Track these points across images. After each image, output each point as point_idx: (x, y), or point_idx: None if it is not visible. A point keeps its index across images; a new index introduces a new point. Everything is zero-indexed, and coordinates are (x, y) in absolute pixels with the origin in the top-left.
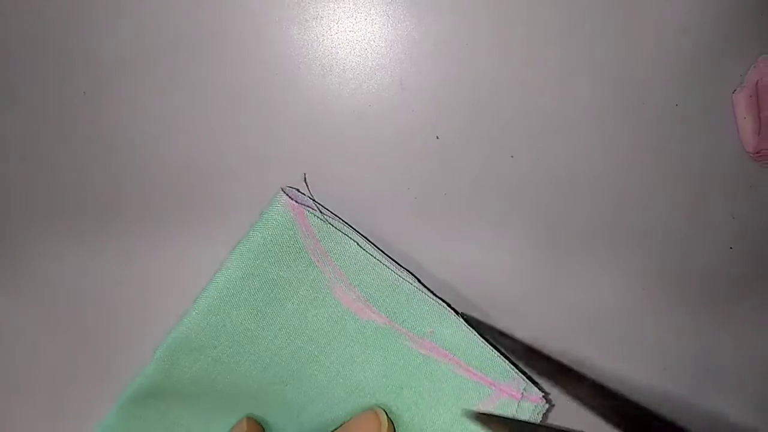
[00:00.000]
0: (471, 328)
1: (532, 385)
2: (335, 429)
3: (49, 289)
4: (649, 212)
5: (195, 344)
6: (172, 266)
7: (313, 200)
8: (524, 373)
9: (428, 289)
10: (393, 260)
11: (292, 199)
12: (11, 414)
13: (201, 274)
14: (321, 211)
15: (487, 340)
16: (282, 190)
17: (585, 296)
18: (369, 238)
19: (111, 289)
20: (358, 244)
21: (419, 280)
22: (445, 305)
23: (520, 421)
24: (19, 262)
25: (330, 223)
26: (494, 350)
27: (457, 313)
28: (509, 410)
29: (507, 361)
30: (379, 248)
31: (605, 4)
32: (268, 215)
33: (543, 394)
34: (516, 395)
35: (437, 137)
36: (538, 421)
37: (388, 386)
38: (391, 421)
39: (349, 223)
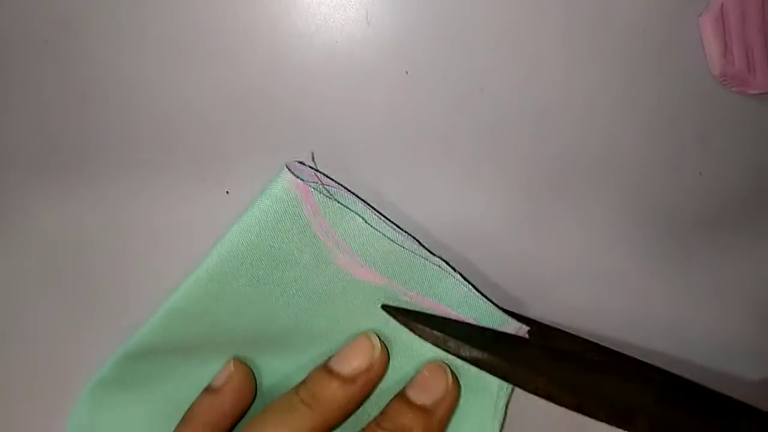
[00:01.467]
0: (469, 284)
1: (526, 326)
2: (330, 357)
3: (23, 246)
4: (617, 141)
5: (192, 311)
6: (150, 217)
7: (320, 172)
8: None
9: (430, 252)
10: (397, 226)
11: (295, 175)
12: None
13: (178, 224)
14: (327, 184)
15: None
16: (286, 166)
17: (558, 230)
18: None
19: (89, 242)
20: (363, 219)
21: (422, 244)
22: (446, 265)
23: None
24: None
25: (335, 199)
26: (489, 301)
27: (456, 270)
28: None
29: (502, 310)
30: (382, 214)
31: None
32: (270, 191)
33: (529, 328)
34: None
35: (406, 72)
36: None
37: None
38: (384, 345)
39: (338, 181)
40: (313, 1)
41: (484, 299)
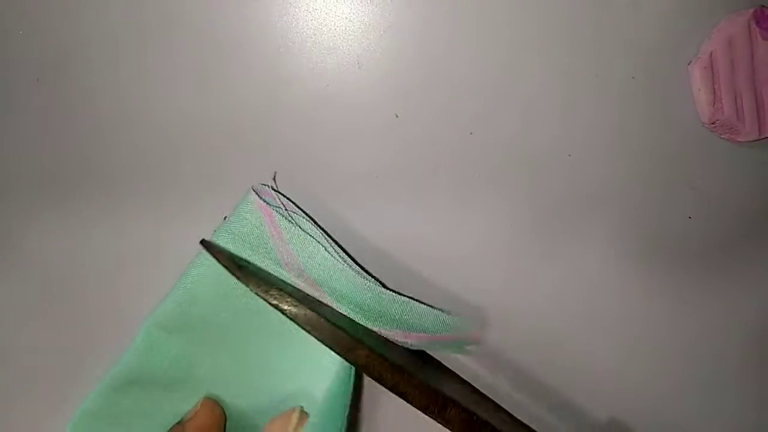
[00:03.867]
0: (427, 306)
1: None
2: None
3: (17, 273)
4: (606, 185)
5: (171, 330)
6: (141, 247)
7: (284, 197)
8: None
9: (391, 290)
10: (356, 262)
11: (261, 198)
12: None
13: (171, 255)
14: (290, 210)
15: None
16: (252, 188)
17: (549, 270)
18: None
19: (82, 271)
20: (325, 249)
21: (383, 284)
22: (408, 298)
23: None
24: None
25: (298, 225)
26: (445, 313)
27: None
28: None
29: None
30: (342, 247)
31: None
32: (237, 214)
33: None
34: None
35: (396, 115)
36: None
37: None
38: (303, 419)
39: (310, 214)
40: (305, 45)
41: (441, 313)
